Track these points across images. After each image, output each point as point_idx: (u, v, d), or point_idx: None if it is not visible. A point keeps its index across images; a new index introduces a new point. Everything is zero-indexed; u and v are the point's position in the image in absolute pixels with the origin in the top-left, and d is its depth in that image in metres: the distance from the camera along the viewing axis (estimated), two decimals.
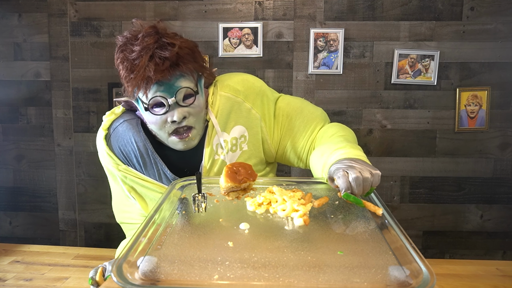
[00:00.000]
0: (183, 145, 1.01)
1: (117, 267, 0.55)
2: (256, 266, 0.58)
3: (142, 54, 0.92)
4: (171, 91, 0.95)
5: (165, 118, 0.97)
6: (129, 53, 0.94)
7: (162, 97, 0.95)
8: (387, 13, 2.23)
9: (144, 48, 0.92)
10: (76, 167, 2.44)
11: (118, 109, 1.10)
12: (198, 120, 1.01)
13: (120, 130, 1.04)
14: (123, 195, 1.11)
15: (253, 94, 1.08)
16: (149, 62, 0.92)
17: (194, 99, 0.98)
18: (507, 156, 2.30)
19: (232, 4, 2.27)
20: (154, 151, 1.04)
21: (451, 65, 2.25)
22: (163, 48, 0.93)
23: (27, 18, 2.34)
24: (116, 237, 2.48)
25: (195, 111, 0.99)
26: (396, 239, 0.66)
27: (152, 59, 0.92)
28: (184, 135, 0.99)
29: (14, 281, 1.23)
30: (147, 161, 1.04)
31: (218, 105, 1.05)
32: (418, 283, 0.53)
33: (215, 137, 1.05)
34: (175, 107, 0.96)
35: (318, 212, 0.80)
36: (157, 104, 0.96)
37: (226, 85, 1.07)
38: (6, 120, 2.44)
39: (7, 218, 2.52)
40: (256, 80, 1.12)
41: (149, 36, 0.94)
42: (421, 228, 2.37)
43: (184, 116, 0.97)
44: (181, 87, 0.95)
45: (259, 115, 1.08)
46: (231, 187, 0.85)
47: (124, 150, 1.04)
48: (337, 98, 2.30)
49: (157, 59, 0.92)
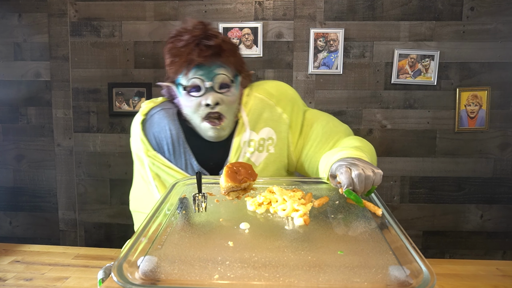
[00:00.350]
0: (214, 133, 1.06)
1: (117, 267, 0.55)
2: (257, 265, 0.58)
3: (189, 42, 1.01)
4: (210, 76, 1.02)
5: (200, 101, 1.03)
6: (178, 42, 1.03)
7: (200, 80, 1.02)
8: (387, 13, 2.23)
9: (192, 37, 1.02)
10: (76, 167, 2.44)
11: (157, 99, 1.18)
12: (229, 111, 1.06)
13: (156, 117, 1.12)
14: (144, 183, 1.14)
15: (285, 100, 1.13)
16: (195, 47, 1.01)
17: (229, 89, 1.05)
18: (507, 156, 2.30)
19: (232, 4, 2.27)
20: (185, 141, 1.10)
21: (451, 65, 2.25)
22: (209, 38, 1.02)
23: (27, 18, 2.34)
24: (116, 237, 2.48)
25: (228, 100, 1.05)
26: (396, 239, 0.66)
27: (197, 46, 1.01)
28: (216, 122, 1.05)
29: (14, 281, 1.23)
30: (176, 150, 1.10)
31: (251, 104, 1.11)
32: (419, 283, 0.53)
33: (243, 135, 1.10)
34: (210, 91, 1.03)
35: (318, 212, 0.80)
36: (195, 87, 1.03)
37: (261, 88, 1.14)
38: (6, 120, 2.44)
39: (7, 218, 2.52)
40: (289, 88, 1.18)
41: (197, 29, 1.04)
42: (421, 228, 2.37)
43: (217, 102, 1.03)
44: (219, 73, 1.03)
45: (288, 121, 1.13)
46: (231, 187, 0.85)
47: (157, 137, 1.10)
48: (337, 98, 2.30)
49: (202, 46, 1.01)
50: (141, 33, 2.32)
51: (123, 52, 2.34)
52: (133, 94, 2.35)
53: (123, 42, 2.33)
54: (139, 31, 2.32)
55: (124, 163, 2.42)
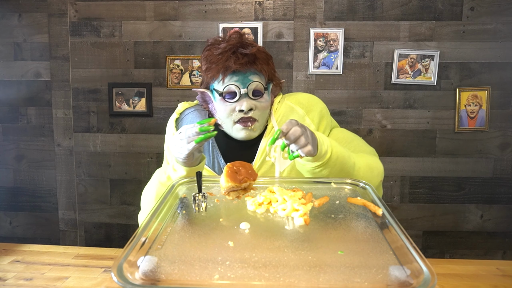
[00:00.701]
0: (245, 133, 1.11)
1: (117, 267, 0.55)
2: (257, 266, 0.58)
3: (226, 49, 1.08)
4: (244, 82, 1.08)
5: (234, 106, 1.09)
6: (215, 50, 1.10)
7: (236, 86, 1.07)
8: (387, 13, 2.23)
9: (229, 45, 1.08)
10: (76, 167, 2.44)
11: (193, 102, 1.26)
12: (262, 116, 1.12)
13: (190, 116, 1.20)
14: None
15: (315, 111, 1.19)
16: (232, 55, 1.07)
17: (262, 96, 1.11)
18: (507, 156, 2.30)
19: (232, 4, 2.27)
20: (214, 140, 1.17)
21: (451, 65, 2.25)
22: (245, 47, 1.09)
23: (27, 18, 2.34)
24: (116, 237, 2.48)
25: (261, 105, 1.10)
26: (396, 239, 0.66)
27: (234, 54, 1.07)
28: (249, 124, 1.10)
29: (14, 280, 1.23)
30: (205, 148, 1.17)
31: (281, 111, 1.17)
32: (419, 283, 0.53)
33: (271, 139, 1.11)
34: (245, 98, 1.08)
35: (319, 212, 0.80)
36: (230, 92, 1.08)
37: (293, 97, 1.21)
38: (6, 120, 2.44)
39: (7, 218, 2.52)
40: (321, 102, 1.24)
41: (233, 38, 1.11)
42: (421, 228, 2.37)
43: (251, 107, 1.08)
44: (253, 80, 1.08)
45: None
46: (232, 187, 0.85)
47: None
48: (337, 98, 2.30)
49: (238, 54, 1.07)
50: (141, 33, 2.32)
51: (123, 52, 2.34)
52: (133, 94, 2.35)
53: (123, 42, 2.33)
54: (139, 31, 2.32)
55: (124, 163, 2.42)
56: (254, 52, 1.08)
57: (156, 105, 2.36)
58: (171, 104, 2.35)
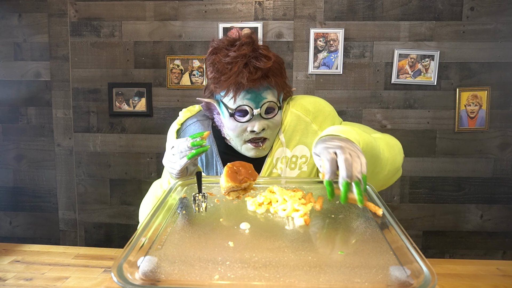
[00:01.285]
0: (255, 153, 1.06)
1: (117, 267, 0.55)
2: (257, 266, 0.58)
3: (238, 60, 0.97)
4: (257, 101, 1.00)
5: (246, 126, 1.02)
6: (224, 57, 0.99)
7: (248, 106, 0.99)
8: (387, 13, 2.23)
9: (240, 55, 0.98)
10: (76, 167, 2.44)
11: (194, 108, 1.17)
12: (273, 133, 1.06)
13: (192, 128, 1.12)
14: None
15: (322, 116, 1.10)
16: (244, 69, 0.96)
17: (276, 113, 1.03)
18: (507, 156, 2.30)
19: (232, 4, 2.27)
20: (218, 154, 1.10)
21: (451, 65, 2.25)
22: (258, 59, 0.98)
23: (27, 18, 2.34)
24: (116, 237, 2.48)
25: (274, 125, 1.03)
26: (397, 239, 0.66)
27: (246, 67, 0.97)
28: (260, 144, 1.04)
29: (14, 280, 1.23)
30: (210, 162, 1.11)
31: (287, 121, 1.09)
32: (419, 283, 0.53)
33: (277, 151, 1.08)
34: (258, 118, 1.01)
35: (319, 212, 0.80)
36: (241, 111, 1.01)
37: (298, 104, 1.11)
38: (6, 120, 2.44)
39: (7, 218, 2.52)
40: (327, 104, 1.15)
41: (246, 45, 1.00)
42: (421, 228, 2.37)
43: (264, 128, 1.01)
44: (267, 99, 1.00)
45: None
46: (232, 187, 0.85)
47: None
48: (337, 98, 2.30)
49: (251, 68, 0.97)
50: (141, 33, 2.32)
51: (123, 52, 2.34)
52: (133, 94, 2.35)
53: (123, 42, 2.33)
54: (139, 31, 2.32)
55: (124, 163, 2.42)
56: (269, 65, 0.98)
57: (156, 105, 2.36)
58: (171, 104, 2.35)
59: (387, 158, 0.97)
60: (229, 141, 1.08)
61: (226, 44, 1.02)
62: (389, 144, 1.02)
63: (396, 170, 1.05)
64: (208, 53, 1.04)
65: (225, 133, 1.07)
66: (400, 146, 1.08)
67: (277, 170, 1.09)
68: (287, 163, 1.09)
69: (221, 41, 1.03)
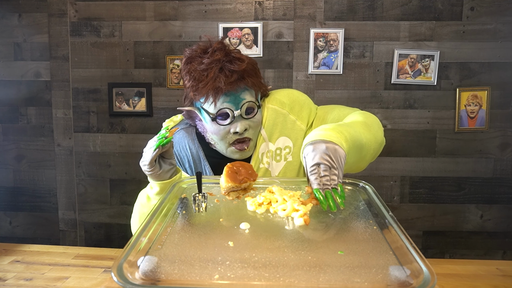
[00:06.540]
0: (240, 155, 1.09)
1: (117, 267, 0.55)
2: (257, 266, 0.58)
3: (213, 65, 1.00)
4: (237, 102, 1.03)
5: (228, 129, 1.05)
6: (198, 64, 1.03)
7: (229, 109, 1.03)
8: (387, 13, 2.23)
9: (214, 61, 1.01)
10: (76, 167, 2.44)
11: (176, 117, 1.20)
12: (255, 133, 1.09)
13: (177, 136, 1.16)
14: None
15: (297, 106, 1.14)
16: (219, 73, 1.00)
17: (256, 112, 1.07)
18: (507, 156, 2.30)
19: (232, 4, 2.27)
20: (205, 158, 1.13)
21: (451, 65, 2.25)
22: (232, 62, 1.02)
23: (27, 18, 2.34)
24: (116, 237, 2.48)
25: (255, 124, 1.07)
26: (396, 239, 0.66)
27: (222, 71, 1.00)
28: (245, 146, 1.07)
29: (15, 280, 1.23)
30: (198, 167, 1.14)
31: (266, 116, 1.13)
32: (419, 283, 0.53)
33: (261, 146, 1.12)
34: (239, 119, 1.04)
35: (319, 212, 0.80)
36: (222, 115, 1.04)
37: (273, 98, 1.15)
38: (6, 120, 2.44)
39: (7, 218, 2.52)
40: (300, 94, 1.17)
41: (219, 50, 1.03)
42: (421, 228, 2.37)
43: (246, 128, 1.05)
44: (245, 99, 1.04)
45: (304, 127, 1.13)
46: (232, 187, 0.85)
47: (179, 155, 1.16)
48: (337, 98, 2.30)
49: (227, 72, 1.00)
50: (141, 33, 2.32)
51: (123, 52, 2.34)
52: (133, 94, 2.35)
53: (123, 42, 2.33)
54: (139, 31, 2.32)
55: (124, 163, 2.42)
56: (244, 67, 1.02)
57: (156, 105, 2.36)
58: (171, 104, 2.36)
59: (369, 139, 0.97)
60: (214, 146, 1.11)
61: (199, 52, 1.05)
62: (367, 124, 1.01)
63: (380, 144, 1.05)
64: (183, 63, 1.08)
65: (209, 137, 1.10)
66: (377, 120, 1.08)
67: (264, 164, 1.11)
68: (272, 156, 1.12)
69: (194, 50, 1.07)
